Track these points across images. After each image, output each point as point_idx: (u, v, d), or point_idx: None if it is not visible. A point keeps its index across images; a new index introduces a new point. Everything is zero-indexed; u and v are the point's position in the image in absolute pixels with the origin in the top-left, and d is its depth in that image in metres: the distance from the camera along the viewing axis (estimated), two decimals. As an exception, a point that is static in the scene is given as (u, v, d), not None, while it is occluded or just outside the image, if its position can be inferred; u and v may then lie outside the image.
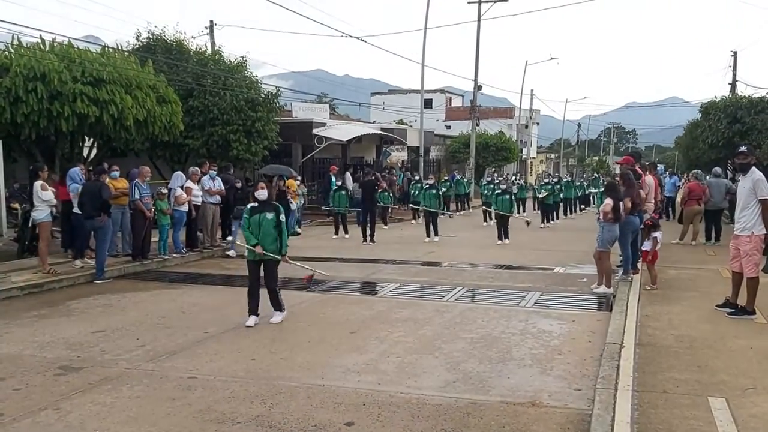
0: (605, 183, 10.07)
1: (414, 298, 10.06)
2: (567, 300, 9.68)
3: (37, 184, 11.00)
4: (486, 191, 22.77)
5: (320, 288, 10.61)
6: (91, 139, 15.56)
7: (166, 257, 12.97)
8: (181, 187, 13.44)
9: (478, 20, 33.72)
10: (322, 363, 6.48)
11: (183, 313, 8.77)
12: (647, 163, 12.81)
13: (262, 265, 8.02)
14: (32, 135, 13.05)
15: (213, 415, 5.13)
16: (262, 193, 7.99)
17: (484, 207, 22.65)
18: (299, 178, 21.08)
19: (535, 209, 25.81)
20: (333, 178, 23.06)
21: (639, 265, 10.91)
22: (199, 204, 13.74)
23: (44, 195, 10.97)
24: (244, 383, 5.88)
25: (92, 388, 5.73)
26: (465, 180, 29.78)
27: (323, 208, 18.20)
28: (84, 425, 4.94)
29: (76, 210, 11.65)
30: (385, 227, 20.37)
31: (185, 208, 13.27)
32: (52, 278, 10.70)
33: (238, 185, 14.92)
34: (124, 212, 12.41)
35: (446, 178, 27.29)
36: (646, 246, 10.02)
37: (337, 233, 18.09)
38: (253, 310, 7.99)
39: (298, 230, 18.50)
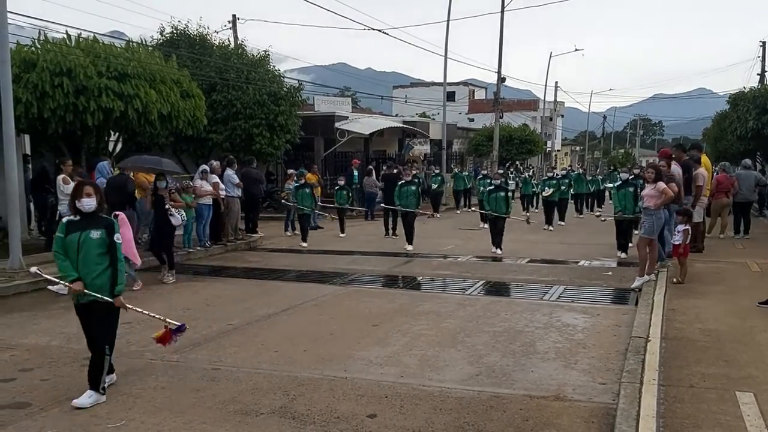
0: (652, 168, 9.79)
1: (436, 291, 10.06)
2: (592, 293, 9.58)
3: (60, 177, 11.09)
4: (481, 186, 19.18)
5: (342, 281, 10.64)
6: (117, 134, 15.70)
7: (191, 250, 13.09)
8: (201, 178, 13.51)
9: (502, 11, 33.39)
10: (345, 355, 6.50)
11: (207, 305, 8.84)
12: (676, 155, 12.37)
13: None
14: (59, 130, 13.19)
15: (237, 406, 5.18)
16: (88, 203, 5.24)
17: (473, 208, 20.09)
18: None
19: (535, 207, 23.91)
20: (355, 172, 23.07)
21: (667, 258, 10.74)
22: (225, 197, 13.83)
23: (66, 188, 10.99)
24: (267, 375, 5.92)
25: (118, 379, 5.81)
26: (465, 174, 27.70)
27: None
28: (110, 415, 5.01)
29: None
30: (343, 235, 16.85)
31: (208, 201, 13.35)
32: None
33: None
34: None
35: (437, 171, 25.91)
36: (677, 239, 9.81)
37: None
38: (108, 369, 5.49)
39: (320, 225, 18.55)
